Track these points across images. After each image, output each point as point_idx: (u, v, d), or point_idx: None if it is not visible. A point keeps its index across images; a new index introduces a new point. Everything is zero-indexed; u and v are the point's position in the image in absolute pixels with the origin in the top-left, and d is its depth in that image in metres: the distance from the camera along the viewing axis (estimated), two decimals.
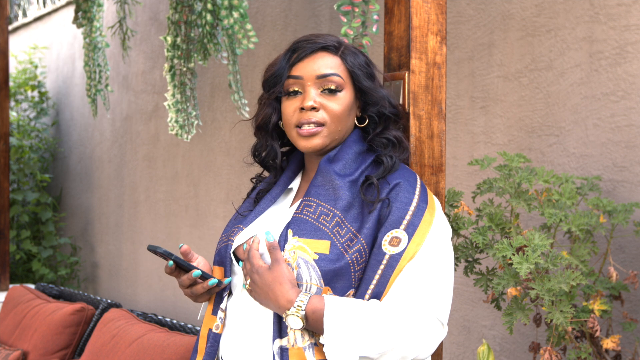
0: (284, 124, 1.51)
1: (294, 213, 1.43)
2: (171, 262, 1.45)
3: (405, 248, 1.35)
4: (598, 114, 2.20)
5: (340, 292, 1.37)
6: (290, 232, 1.40)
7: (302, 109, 1.45)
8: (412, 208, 1.38)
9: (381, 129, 1.50)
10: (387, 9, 1.68)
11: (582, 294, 1.90)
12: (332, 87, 1.45)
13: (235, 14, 2.60)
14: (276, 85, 1.50)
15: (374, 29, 2.06)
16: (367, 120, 1.50)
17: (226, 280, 1.49)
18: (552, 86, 2.33)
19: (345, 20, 2.08)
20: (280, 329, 1.37)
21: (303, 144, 1.46)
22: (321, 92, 1.45)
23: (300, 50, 1.48)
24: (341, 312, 1.32)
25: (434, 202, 1.44)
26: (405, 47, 1.63)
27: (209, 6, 2.66)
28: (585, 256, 1.82)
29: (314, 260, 1.36)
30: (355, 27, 2.06)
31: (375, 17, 2.07)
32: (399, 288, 1.34)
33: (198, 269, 1.46)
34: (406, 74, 1.61)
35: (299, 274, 1.37)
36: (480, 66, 2.54)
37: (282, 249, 1.39)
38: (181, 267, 1.47)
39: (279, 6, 3.54)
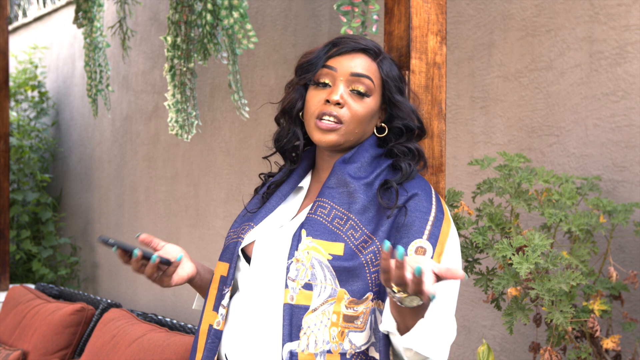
0: (305, 112, 1.49)
1: (308, 213, 1.42)
2: (115, 247, 1.43)
3: (431, 258, 1.34)
4: (598, 114, 2.20)
5: (358, 294, 1.35)
6: (304, 232, 1.39)
7: (327, 101, 1.44)
8: (431, 218, 1.38)
9: (405, 140, 1.49)
10: (387, 9, 1.68)
11: (582, 294, 1.90)
12: (362, 89, 1.44)
13: (235, 14, 2.60)
14: (309, 73, 1.49)
15: (373, 29, 2.06)
16: (386, 131, 1.49)
17: (178, 258, 1.48)
18: (552, 86, 2.33)
19: (345, 20, 2.07)
20: (291, 332, 1.34)
21: (318, 137, 1.45)
22: (350, 91, 1.45)
23: (341, 45, 1.48)
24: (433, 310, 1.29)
25: (448, 211, 1.44)
26: (405, 47, 1.63)
27: (209, 6, 2.66)
28: (585, 256, 1.82)
29: (328, 261, 1.35)
30: (354, 27, 2.06)
31: (375, 17, 2.07)
32: None
33: (136, 248, 1.45)
34: (406, 74, 1.61)
35: (314, 274, 1.35)
36: (480, 66, 2.54)
37: (296, 248, 1.38)
38: (127, 251, 1.45)
39: (279, 6, 3.54)
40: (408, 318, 1.24)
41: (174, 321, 2.94)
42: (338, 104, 1.43)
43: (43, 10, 6.00)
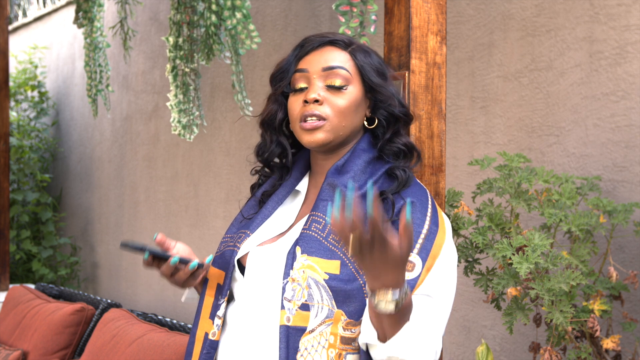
0: (290, 120, 1.45)
1: (302, 229, 1.37)
2: (147, 253, 1.40)
3: (420, 273, 1.30)
4: (598, 114, 2.20)
5: (355, 315, 1.31)
6: (298, 249, 1.34)
7: (305, 101, 1.40)
8: (424, 231, 1.33)
9: (391, 134, 1.43)
10: (387, 9, 1.68)
11: (582, 294, 1.90)
12: (337, 83, 1.40)
13: (238, 15, 2.60)
14: (282, 80, 1.46)
15: (372, 30, 2.06)
16: (376, 122, 1.44)
17: (207, 260, 1.44)
18: (552, 86, 2.33)
19: (343, 20, 2.07)
20: (288, 354, 1.31)
21: (307, 139, 1.40)
22: (327, 87, 1.41)
23: (308, 43, 1.45)
24: (414, 310, 1.25)
25: (444, 223, 1.39)
26: (405, 47, 1.63)
27: (213, 7, 2.66)
28: (585, 256, 1.82)
29: (324, 280, 1.31)
30: (353, 27, 2.06)
31: (373, 17, 2.07)
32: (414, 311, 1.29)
33: (175, 255, 1.41)
34: (406, 74, 1.61)
35: (310, 295, 1.31)
36: (480, 66, 2.54)
37: (291, 267, 1.33)
38: (159, 257, 1.42)
39: (279, 6, 3.54)
40: (387, 326, 1.20)
41: (174, 321, 2.94)
42: (316, 101, 1.39)
43: (43, 10, 6.01)
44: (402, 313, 1.19)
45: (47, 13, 5.94)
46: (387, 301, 1.16)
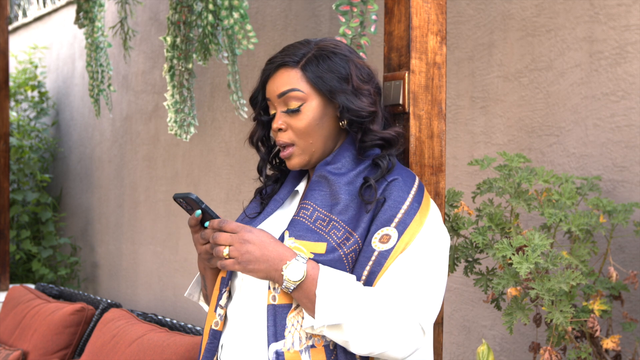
0: None
1: (293, 216, 1.44)
2: (199, 211, 1.41)
3: (395, 245, 1.34)
4: (598, 114, 2.20)
5: None
6: (286, 233, 1.40)
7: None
8: (404, 207, 1.37)
9: (361, 134, 1.46)
10: (387, 9, 1.68)
11: (582, 294, 1.90)
12: (292, 106, 1.45)
13: (236, 15, 2.60)
14: (255, 107, 1.55)
15: (372, 29, 2.06)
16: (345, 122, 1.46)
17: None
18: (552, 86, 2.33)
19: (343, 20, 2.08)
20: (276, 332, 1.36)
21: (287, 164, 1.49)
22: (285, 112, 1.46)
23: (265, 71, 1.51)
24: (335, 275, 1.33)
25: (429, 205, 1.42)
26: (405, 47, 1.63)
27: (210, 6, 2.66)
28: (585, 256, 1.82)
29: (310, 259, 1.36)
30: (353, 27, 2.06)
31: (373, 17, 2.07)
32: (384, 284, 1.33)
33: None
34: (406, 74, 1.61)
35: None
36: (480, 66, 2.54)
37: None
38: (205, 219, 1.42)
39: (279, 6, 3.54)
40: (309, 306, 1.32)
41: (174, 321, 2.94)
42: (280, 129, 1.46)
43: (43, 10, 6.01)
44: (307, 282, 1.32)
45: (47, 13, 5.94)
46: (293, 268, 1.31)
